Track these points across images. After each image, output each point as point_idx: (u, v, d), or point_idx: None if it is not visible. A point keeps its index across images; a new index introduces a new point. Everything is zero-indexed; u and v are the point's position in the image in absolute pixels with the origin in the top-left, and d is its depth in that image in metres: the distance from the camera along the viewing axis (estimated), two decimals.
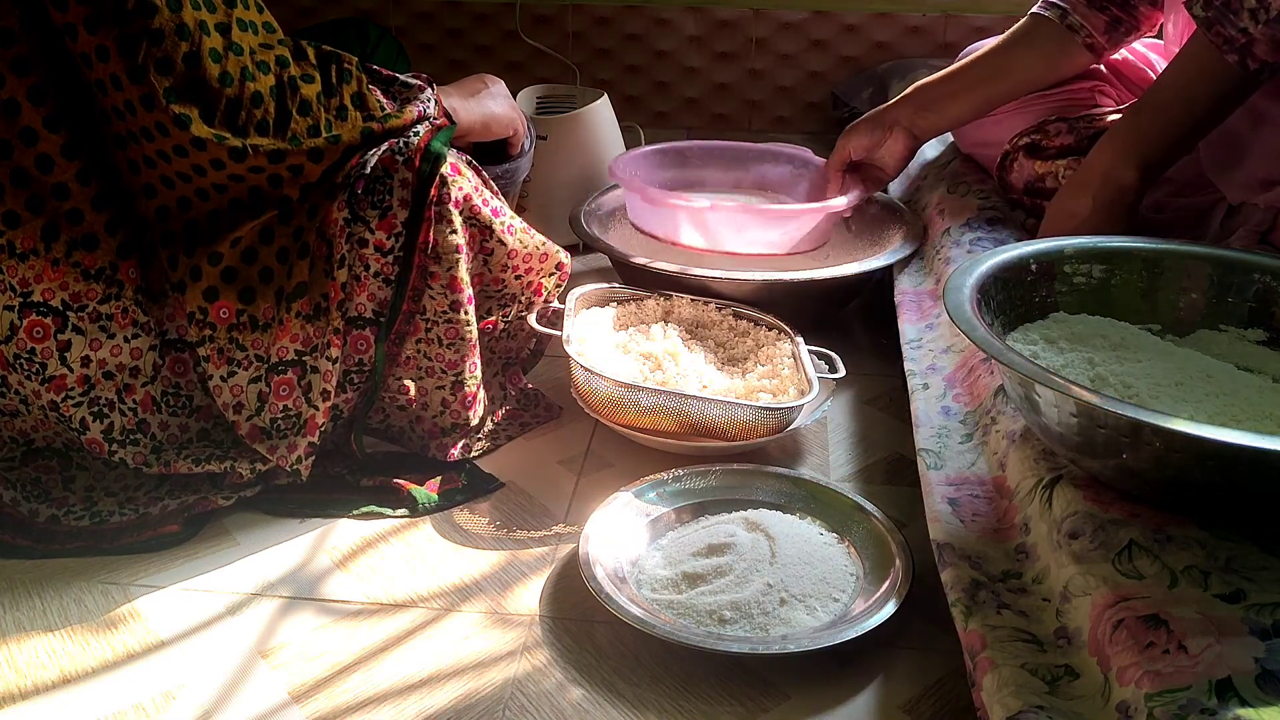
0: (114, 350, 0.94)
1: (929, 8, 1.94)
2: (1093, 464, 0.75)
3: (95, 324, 0.93)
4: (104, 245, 0.92)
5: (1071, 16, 1.21)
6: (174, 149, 0.89)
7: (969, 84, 1.27)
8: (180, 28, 0.85)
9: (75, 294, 0.92)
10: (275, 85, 0.90)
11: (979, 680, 0.69)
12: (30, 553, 0.93)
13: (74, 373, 0.93)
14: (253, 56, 0.90)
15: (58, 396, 0.93)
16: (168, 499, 0.97)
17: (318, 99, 0.92)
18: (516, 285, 1.09)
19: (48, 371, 0.92)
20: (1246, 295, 0.90)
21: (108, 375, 0.94)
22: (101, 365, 0.94)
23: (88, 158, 0.90)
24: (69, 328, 0.92)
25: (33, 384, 0.93)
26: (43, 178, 0.89)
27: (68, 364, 0.93)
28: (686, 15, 2.02)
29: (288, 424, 0.98)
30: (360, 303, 0.97)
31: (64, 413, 0.94)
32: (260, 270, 0.95)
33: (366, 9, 2.10)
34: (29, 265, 0.90)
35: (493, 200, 1.03)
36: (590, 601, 0.85)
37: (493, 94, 1.12)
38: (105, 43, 0.85)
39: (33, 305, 0.91)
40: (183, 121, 0.87)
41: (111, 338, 0.94)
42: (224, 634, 0.85)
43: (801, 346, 1.13)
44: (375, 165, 0.95)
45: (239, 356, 0.96)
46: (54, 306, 0.91)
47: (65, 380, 0.93)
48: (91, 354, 0.93)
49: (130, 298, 0.94)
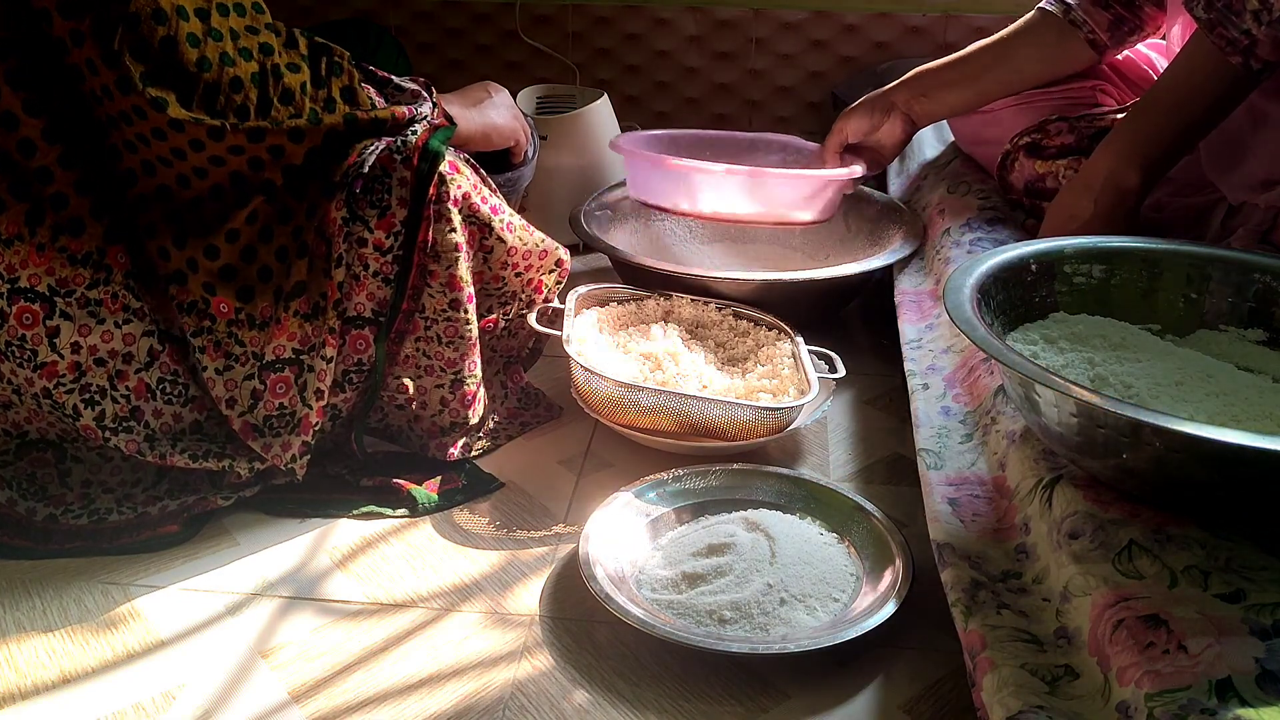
0: (104, 336, 0.94)
1: (929, 8, 1.94)
2: (1093, 464, 0.75)
3: (84, 309, 0.92)
4: (90, 230, 0.92)
5: (1075, 12, 1.21)
6: (153, 131, 0.89)
7: (969, 74, 1.27)
8: (157, 12, 0.85)
9: (62, 279, 0.91)
10: (257, 72, 0.90)
11: (979, 680, 0.69)
12: (30, 553, 0.93)
13: (64, 359, 0.92)
14: (235, 42, 0.89)
15: (50, 384, 0.92)
16: (167, 499, 0.97)
17: (301, 88, 0.92)
18: (517, 283, 1.09)
19: (39, 359, 0.92)
20: (1246, 295, 0.90)
21: (99, 362, 0.94)
22: (93, 352, 0.93)
23: (69, 141, 0.90)
24: (57, 313, 0.91)
25: (25, 371, 0.92)
26: (24, 162, 0.88)
27: (57, 350, 0.92)
28: (686, 15, 2.02)
29: (281, 422, 0.98)
30: (359, 302, 0.97)
31: (57, 400, 0.93)
32: (259, 269, 0.95)
33: (366, 9, 2.10)
34: (14, 251, 0.89)
35: (491, 198, 1.03)
36: (590, 601, 0.85)
37: (495, 103, 1.12)
38: (80, 27, 0.85)
39: (20, 291, 0.90)
40: (159, 104, 0.87)
41: (101, 323, 0.93)
42: (224, 634, 0.85)
43: (801, 346, 1.13)
44: (374, 164, 0.95)
45: (237, 352, 0.96)
46: (40, 292, 0.91)
47: (56, 367, 0.92)
48: (81, 340, 0.93)
49: (120, 282, 0.93)
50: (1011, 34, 1.25)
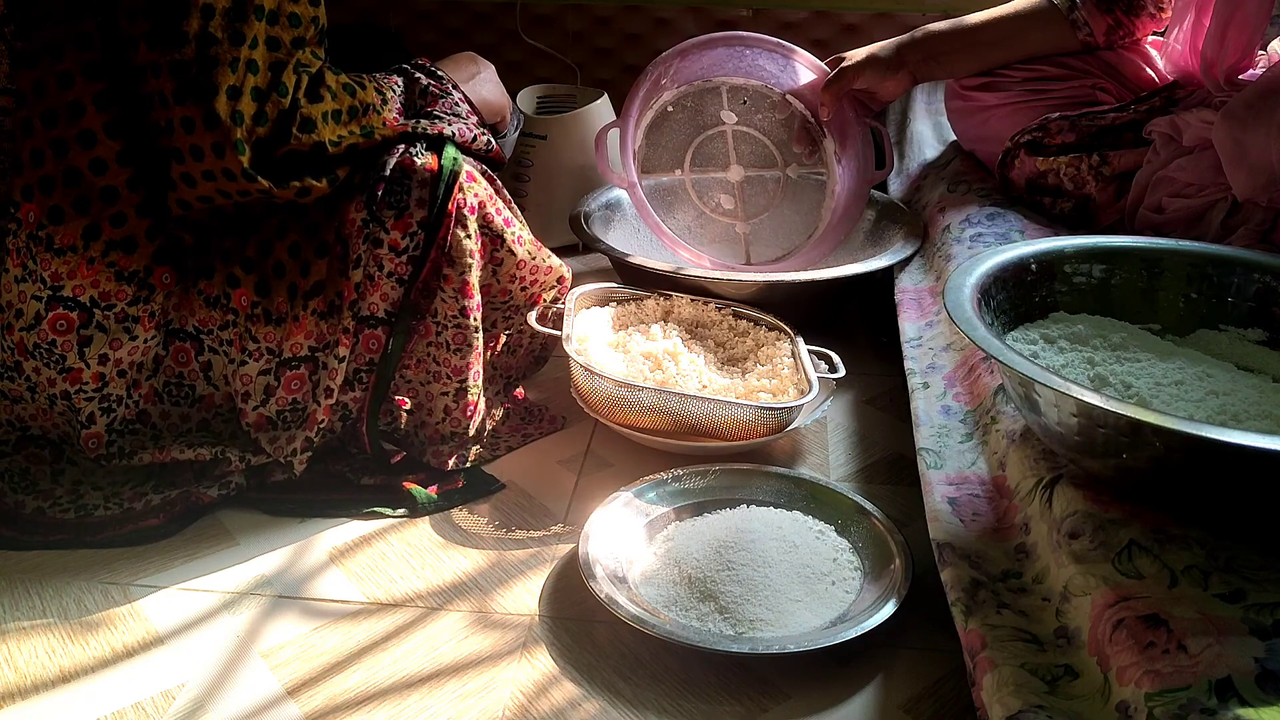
0: (132, 350, 0.96)
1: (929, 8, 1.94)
2: (1093, 464, 0.75)
3: (120, 324, 0.95)
4: (141, 249, 0.94)
5: (1078, 13, 1.24)
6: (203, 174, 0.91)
7: (978, 46, 1.31)
8: (234, 62, 0.88)
9: (105, 293, 0.93)
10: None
11: (979, 680, 0.69)
12: (14, 543, 0.94)
13: (90, 369, 0.95)
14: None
15: (72, 388, 0.95)
16: (152, 494, 0.98)
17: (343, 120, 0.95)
18: (522, 296, 1.10)
19: (66, 363, 0.94)
20: (1246, 295, 0.90)
21: (121, 374, 0.96)
22: (118, 364, 0.96)
23: (140, 165, 0.92)
24: (93, 324, 0.94)
25: (49, 372, 0.94)
26: (94, 179, 0.91)
27: (85, 359, 0.94)
28: (686, 15, 2.02)
29: (293, 416, 0.99)
30: (373, 302, 0.98)
31: (75, 404, 0.95)
32: (274, 264, 0.97)
33: (366, 9, 2.10)
34: (64, 260, 0.92)
35: (505, 210, 1.04)
36: (590, 601, 0.85)
37: (484, 79, 1.13)
38: (160, 60, 0.87)
39: (60, 299, 0.93)
40: (232, 175, 0.90)
41: (134, 339, 0.95)
42: (224, 633, 0.85)
43: (801, 346, 1.13)
44: (394, 167, 0.96)
45: (251, 347, 0.98)
46: (81, 302, 0.93)
47: (81, 374, 0.94)
48: (110, 353, 0.95)
49: (160, 302, 0.96)
50: (1018, 16, 1.29)
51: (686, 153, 1.37)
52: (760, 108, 1.37)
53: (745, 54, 1.37)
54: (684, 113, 1.37)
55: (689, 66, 1.36)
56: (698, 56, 1.35)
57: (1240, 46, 1.11)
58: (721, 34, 1.36)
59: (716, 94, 1.37)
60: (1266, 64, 1.17)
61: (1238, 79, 1.13)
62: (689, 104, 1.36)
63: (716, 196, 1.37)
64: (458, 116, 1.03)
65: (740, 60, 1.37)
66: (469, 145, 1.02)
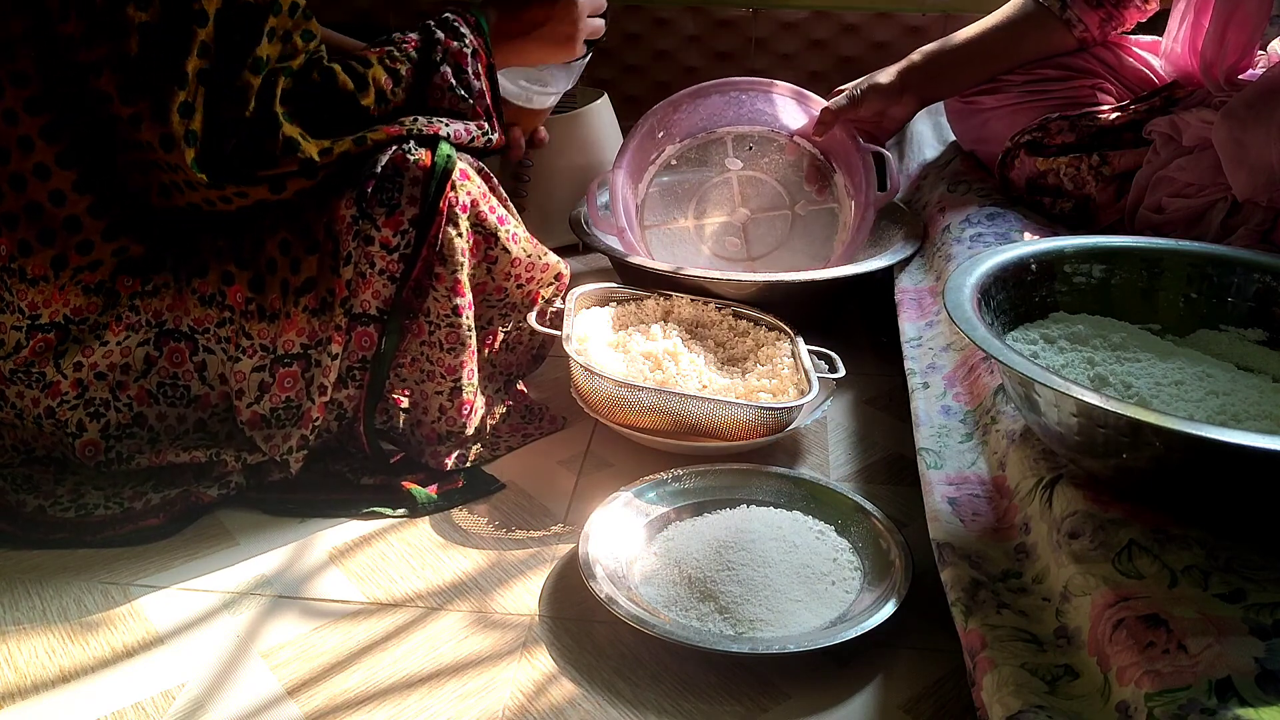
0: (105, 354, 0.96)
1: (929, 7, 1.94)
2: (1093, 464, 0.75)
3: (92, 333, 0.95)
4: (105, 264, 0.95)
5: (1069, 11, 1.25)
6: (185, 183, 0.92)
7: (978, 59, 1.31)
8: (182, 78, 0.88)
9: (76, 309, 0.95)
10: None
11: (979, 680, 0.69)
12: (14, 540, 0.94)
13: (68, 378, 0.95)
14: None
15: (54, 402, 0.95)
16: (152, 494, 0.98)
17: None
18: (518, 294, 1.09)
19: (46, 379, 0.95)
20: (1246, 295, 0.90)
21: (99, 376, 0.97)
22: (93, 368, 0.96)
23: (100, 192, 0.93)
24: (69, 339, 0.95)
25: (32, 392, 0.95)
26: (55, 210, 0.92)
27: (61, 371, 0.95)
28: (686, 15, 2.02)
29: (288, 414, 0.99)
30: (365, 299, 0.97)
31: (60, 418, 0.96)
32: (266, 261, 0.97)
33: (365, 9, 2.10)
34: (39, 290, 0.93)
35: (499, 208, 1.04)
36: (590, 601, 0.85)
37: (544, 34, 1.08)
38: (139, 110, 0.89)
39: (39, 327, 0.94)
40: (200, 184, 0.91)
41: (104, 344, 0.96)
42: (224, 633, 0.85)
43: (801, 346, 1.13)
44: (386, 163, 0.96)
45: (245, 344, 0.98)
46: (58, 323, 0.94)
47: (60, 386, 0.95)
48: (84, 359, 0.96)
49: (125, 304, 0.96)
50: (1011, 23, 1.29)
51: (691, 202, 1.38)
52: (766, 151, 1.38)
53: (743, 99, 1.38)
54: (687, 164, 1.39)
55: (687, 119, 1.37)
56: (692, 108, 1.36)
57: (1240, 46, 1.11)
58: (712, 83, 1.37)
59: (721, 144, 1.38)
60: (1266, 64, 1.17)
61: (1237, 79, 1.13)
62: (693, 155, 1.38)
63: (724, 239, 1.38)
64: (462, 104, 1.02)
65: (740, 107, 1.38)
66: (465, 145, 1.01)
